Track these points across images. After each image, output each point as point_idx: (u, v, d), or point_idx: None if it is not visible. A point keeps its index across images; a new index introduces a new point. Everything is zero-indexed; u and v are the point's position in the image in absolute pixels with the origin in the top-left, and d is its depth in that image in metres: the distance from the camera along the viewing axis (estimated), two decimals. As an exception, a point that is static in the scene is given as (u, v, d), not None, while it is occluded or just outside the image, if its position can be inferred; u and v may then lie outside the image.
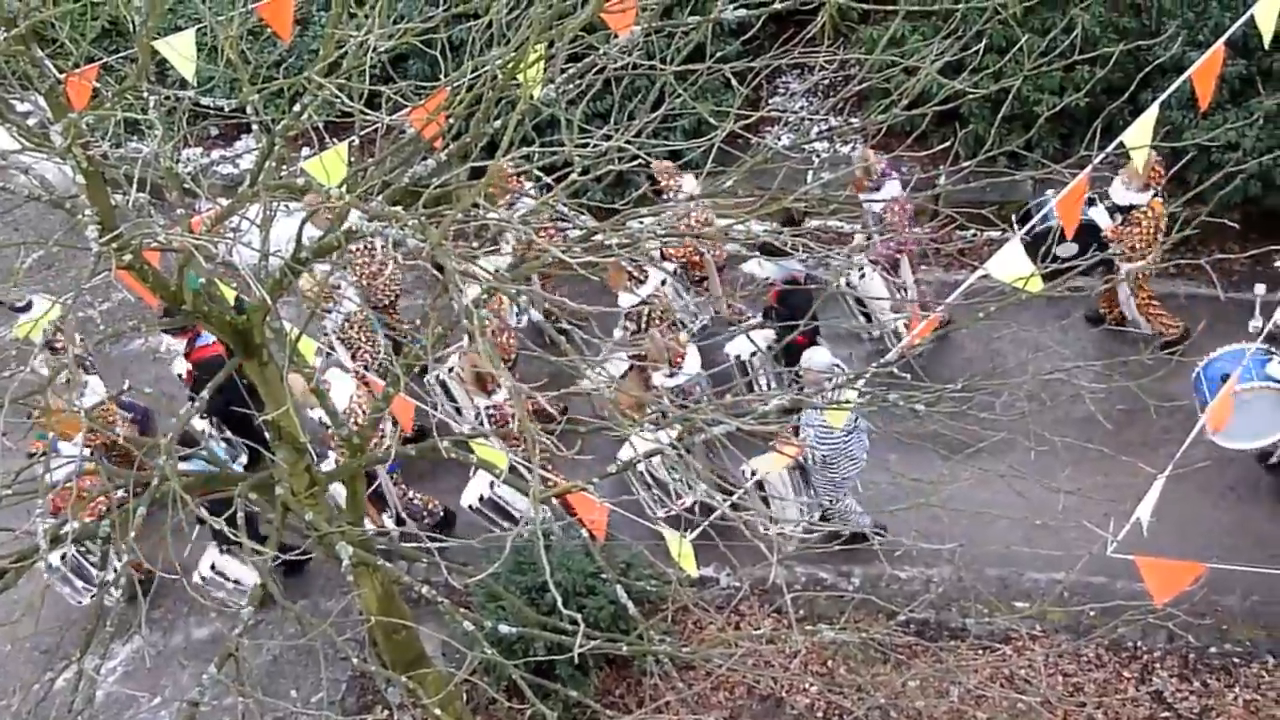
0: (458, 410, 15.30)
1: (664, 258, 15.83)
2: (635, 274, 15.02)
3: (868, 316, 16.22)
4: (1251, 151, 14.80)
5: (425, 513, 15.19)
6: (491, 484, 14.28)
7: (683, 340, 14.80)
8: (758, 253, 15.09)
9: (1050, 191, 15.30)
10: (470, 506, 14.38)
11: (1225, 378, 13.23)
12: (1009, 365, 15.70)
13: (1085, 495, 13.48)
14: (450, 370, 15.37)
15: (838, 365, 13.81)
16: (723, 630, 14.02)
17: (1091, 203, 15.13)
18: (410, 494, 15.06)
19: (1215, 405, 12.24)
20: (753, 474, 13.49)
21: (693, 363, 14.60)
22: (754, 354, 15.18)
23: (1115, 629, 13.15)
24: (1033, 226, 14.95)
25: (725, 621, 14.17)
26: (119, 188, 8.86)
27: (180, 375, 15.71)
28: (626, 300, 15.13)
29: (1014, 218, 15.34)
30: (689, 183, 15.51)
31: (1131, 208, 14.86)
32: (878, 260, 16.02)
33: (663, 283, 15.49)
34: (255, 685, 9.70)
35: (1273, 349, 13.46)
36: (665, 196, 15.24)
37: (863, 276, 15.71)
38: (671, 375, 14.54)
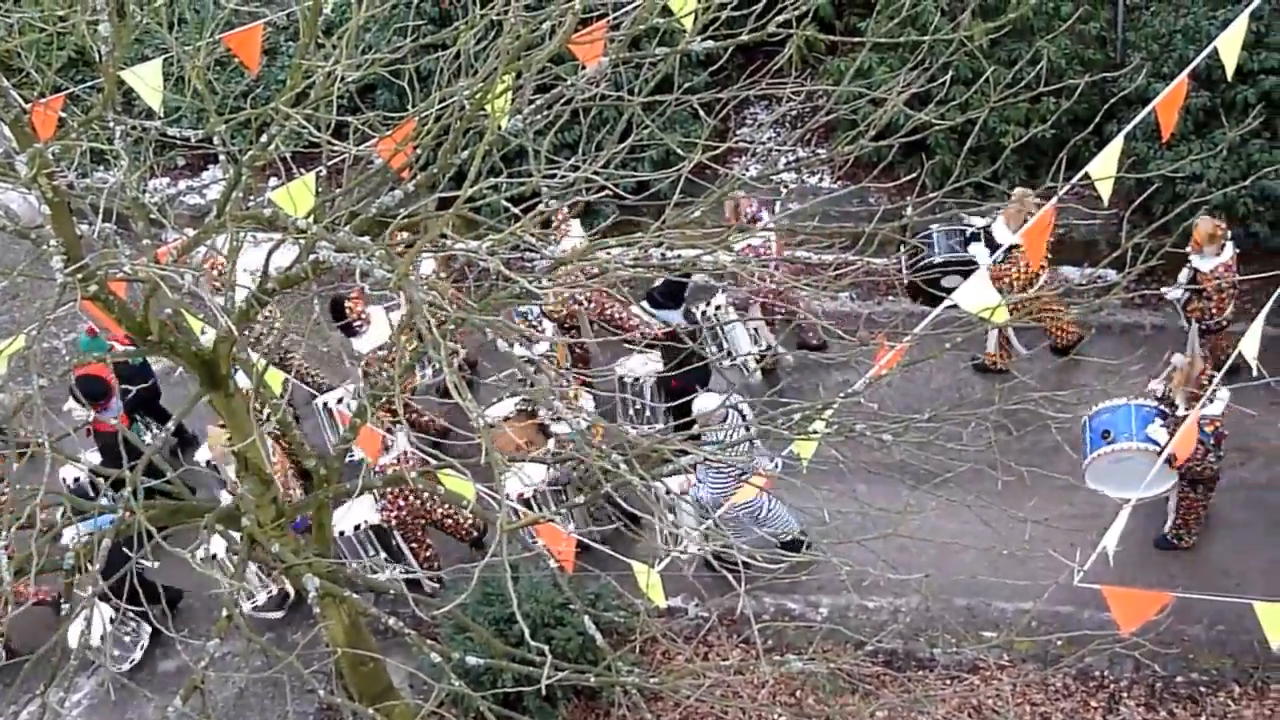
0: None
1: (544, 315, 15.91)
2: (527, 330, 14.98)
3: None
4: (1215, 183, 14.88)
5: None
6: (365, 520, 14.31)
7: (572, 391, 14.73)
8: (645, 301, 15.39)
9: (935, 226, 15.43)
10: (341, 533, 14.31)
11: (1106, 433, 13.39)
12: (976, 395, 15.76)
13: (1052, 525, 13.52)
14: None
15: (732, 407, 13.89)
16: (691, 661, 13.96)
17: (976, 238, 15.30)
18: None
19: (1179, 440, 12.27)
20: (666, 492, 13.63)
21: (588, 408, 14.54)
22: (639, 378, 15.36)
23: (1082, 658, 13.20)
24: (917, 262, 15.23)
25: (693, 652, 14.12)
26: (85, 218, 8.83)
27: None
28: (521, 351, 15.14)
29: (901, 251, 15.61)
30: (575, 228, 15.68)
31: (1012, 247, 15.01)
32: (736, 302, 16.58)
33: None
34: (221, 718, 9.67)
35: (1162, 407, 13.64)
36: (552, 237, 15.38)
37: (717, 308, 16.17)
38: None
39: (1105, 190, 12.94)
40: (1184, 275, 14.84)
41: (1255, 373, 12.34)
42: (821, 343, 16.73)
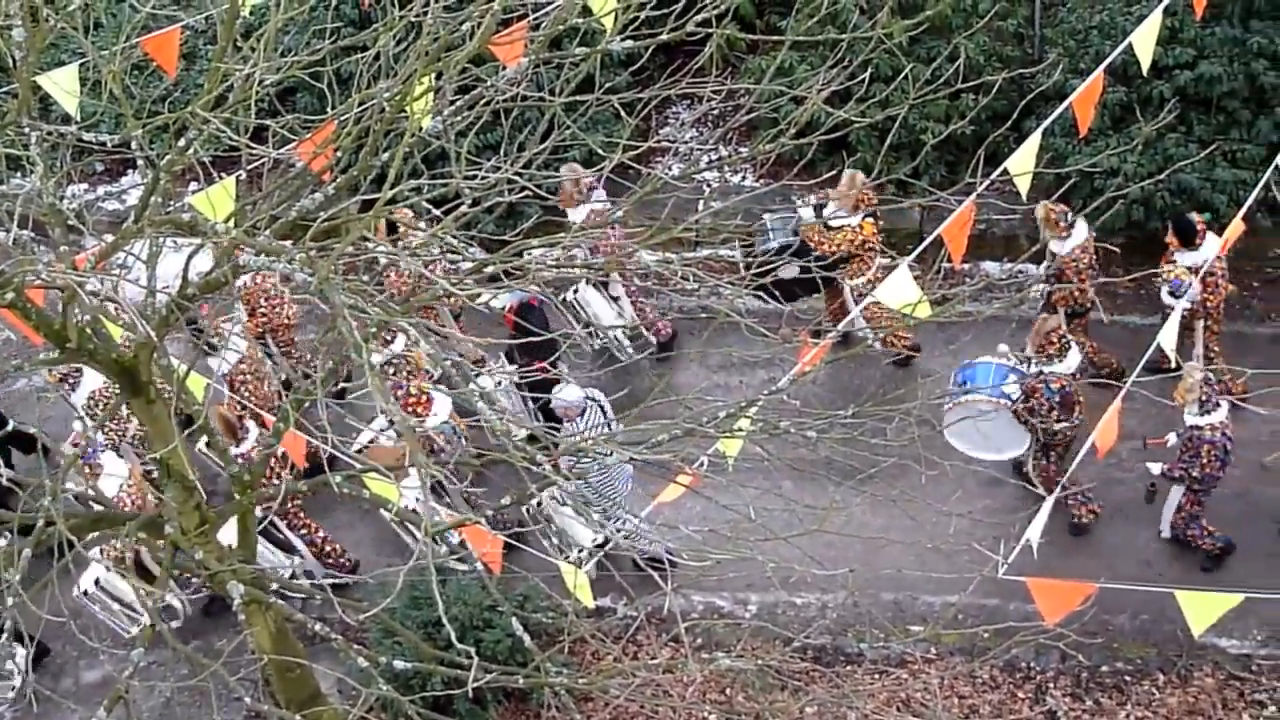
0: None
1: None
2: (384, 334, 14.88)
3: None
4: (1133, 177, 15.01)
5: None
6: (97, 579, 14.15)
7: (425, 387, 14.61)
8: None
9: (768, 215, 15.53)
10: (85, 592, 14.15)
11: (964, 384, 13.54)
12: (899, 391, 15.83)
13: (976, 518, 13.63)
14: (499, 384, 15.32)
15: (589, 398, 13.94)
16: (620, 660, 13.98)
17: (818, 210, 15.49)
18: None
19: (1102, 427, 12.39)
20: (538, 504, 13.68)
21: (442, 408, 14.54)
22: (499, 384, 15.22)
23: (1009, 650, 13.28)
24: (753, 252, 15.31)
25: (622, 651, 14.14)
26: (1, 225, 8.72)
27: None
28: (378, 357, 15.05)
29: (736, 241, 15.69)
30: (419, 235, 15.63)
31: (842, 227, 15.19)
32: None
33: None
34: (147, 727, 9.58)
35: (1018, 364, 13.85)
36: (400, 243, 15.41)
37: (576, 292, 16.07)
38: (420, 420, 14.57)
39: (1024, 185, 13.05)
40: (1045, 265, 15.09)
41: (1172, 364, 12.49)
42: (673, 335, 16.77)
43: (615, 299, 16.41)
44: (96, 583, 14.13)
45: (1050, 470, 14.05)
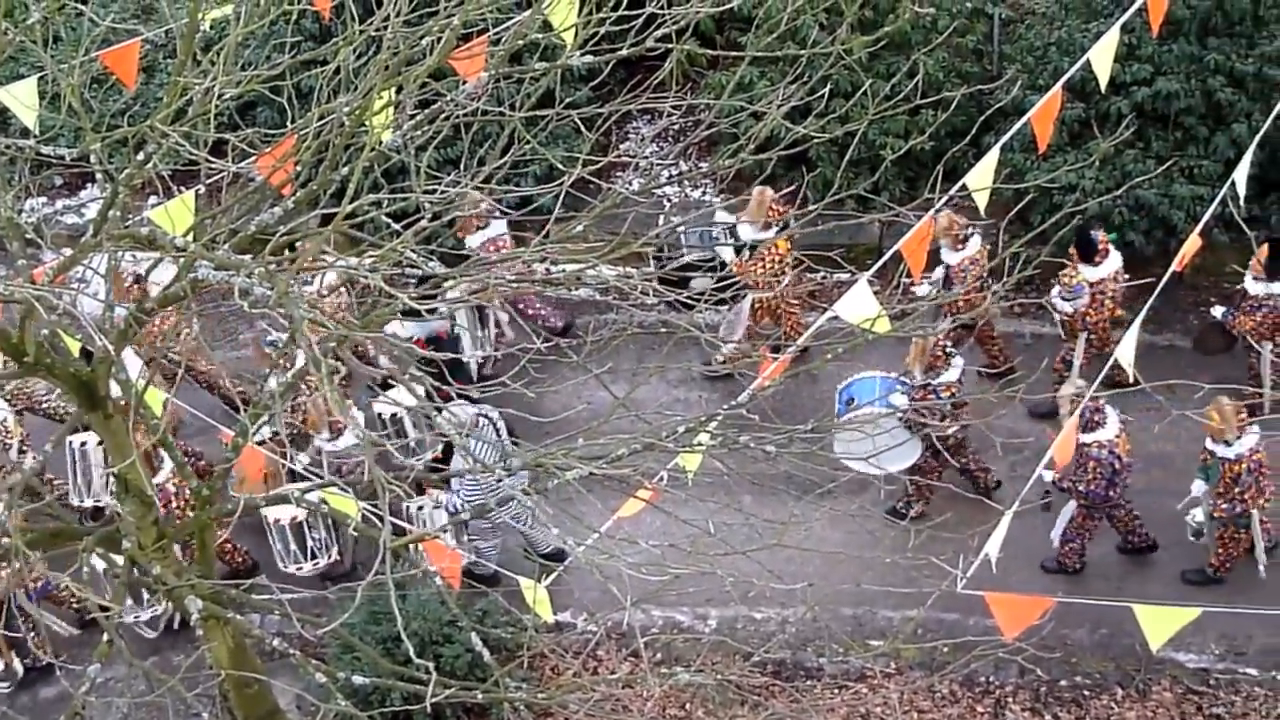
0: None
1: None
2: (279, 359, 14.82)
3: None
4: (1091, 192, 15.12)
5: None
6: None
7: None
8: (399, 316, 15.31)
9: (682, 227, 15.62)
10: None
11: (851, 401, 13.66)
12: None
13: (935, 532, 13.66)
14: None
15: (481, 414, 13.94)
16: (579, 675, 13.97)
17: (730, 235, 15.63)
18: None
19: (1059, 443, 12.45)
20: (419, 509, 13.91)
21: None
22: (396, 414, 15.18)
23: (968, 664, 13.31)
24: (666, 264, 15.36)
25: (582, 666, 14.12)
26: (-42, 239, 8.70)
27: None
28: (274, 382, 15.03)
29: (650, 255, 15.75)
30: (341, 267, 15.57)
31: (755, 245, 15.33)
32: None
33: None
34: (104, 744, 9.55)
35: (903, 378, 14.09)
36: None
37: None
38: (332, 440, 14.55)
39: (982, 201, 13.12)
40: (938, 272, 15.39)
41: (1132, 379, 12.56)
42: (567, 324, 16.84)
43: (494, 322, 16.41)
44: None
45: (935, 471, 14.34)
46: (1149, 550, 14.22)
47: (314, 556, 14.47)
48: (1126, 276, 15.13)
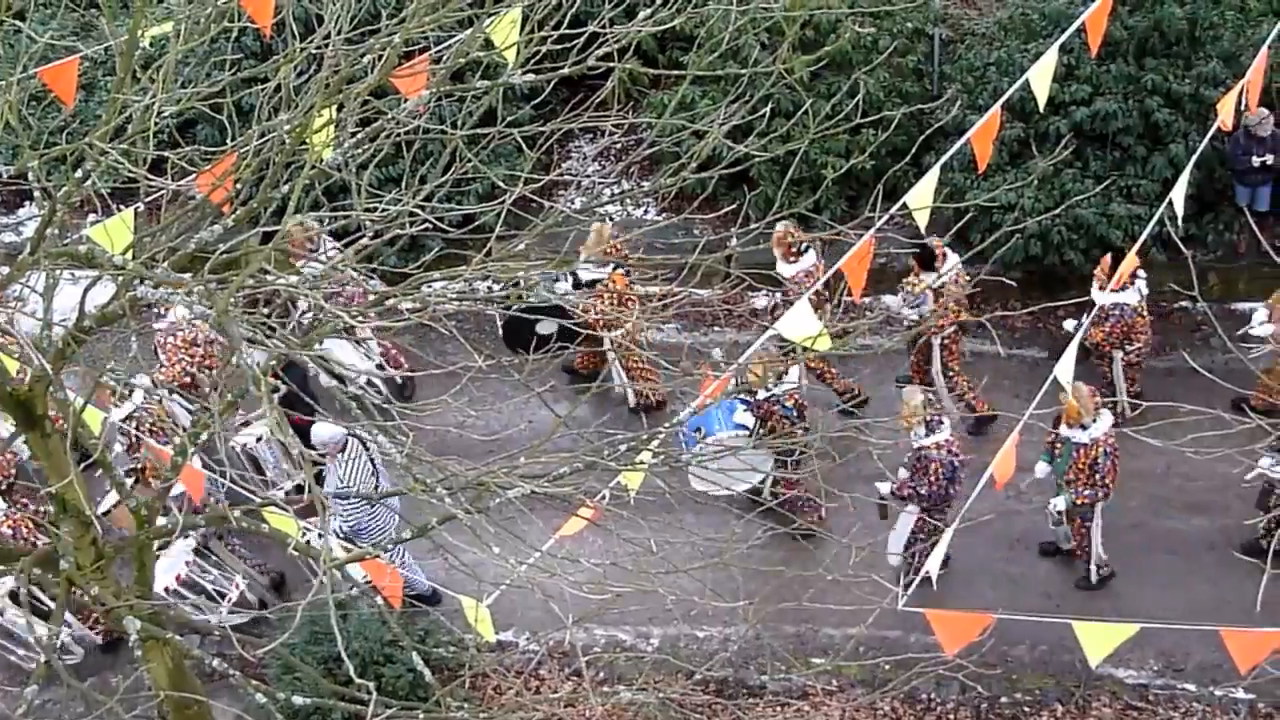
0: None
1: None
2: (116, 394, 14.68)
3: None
4: (1030, 211, 15.21)
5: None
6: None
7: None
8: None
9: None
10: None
11: (699, 430, 13.78)
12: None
13: (876, 551, 13.73)
14: (260, 439, 15.11)
15: (353, 437, 14.00)
16: (521, 695, 13.95)
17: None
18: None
19: (999, 460, 12.52)
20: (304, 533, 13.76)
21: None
22: (259, 439, 15.15)
23: (909, 681, 13.33)
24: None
25: (524, 685, 14.11)
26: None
27: None
28: (119, 412, 14.92)
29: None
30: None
31: (594, 281, 15.52)
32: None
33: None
34: (41, 766, 9.46)
35: (744, 397, 14.27)
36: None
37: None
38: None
39: (923, 219, 13.19)
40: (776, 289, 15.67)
41: (1069, 395, 12.64)
42: (404, 383, 16.89)
43: (362, 341, 16.36)
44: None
45: (792, 484, 14.52)
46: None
47: (221, 596, 14.33)
48: (968, 278, 15.37)
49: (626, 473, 10.98)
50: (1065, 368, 12.72)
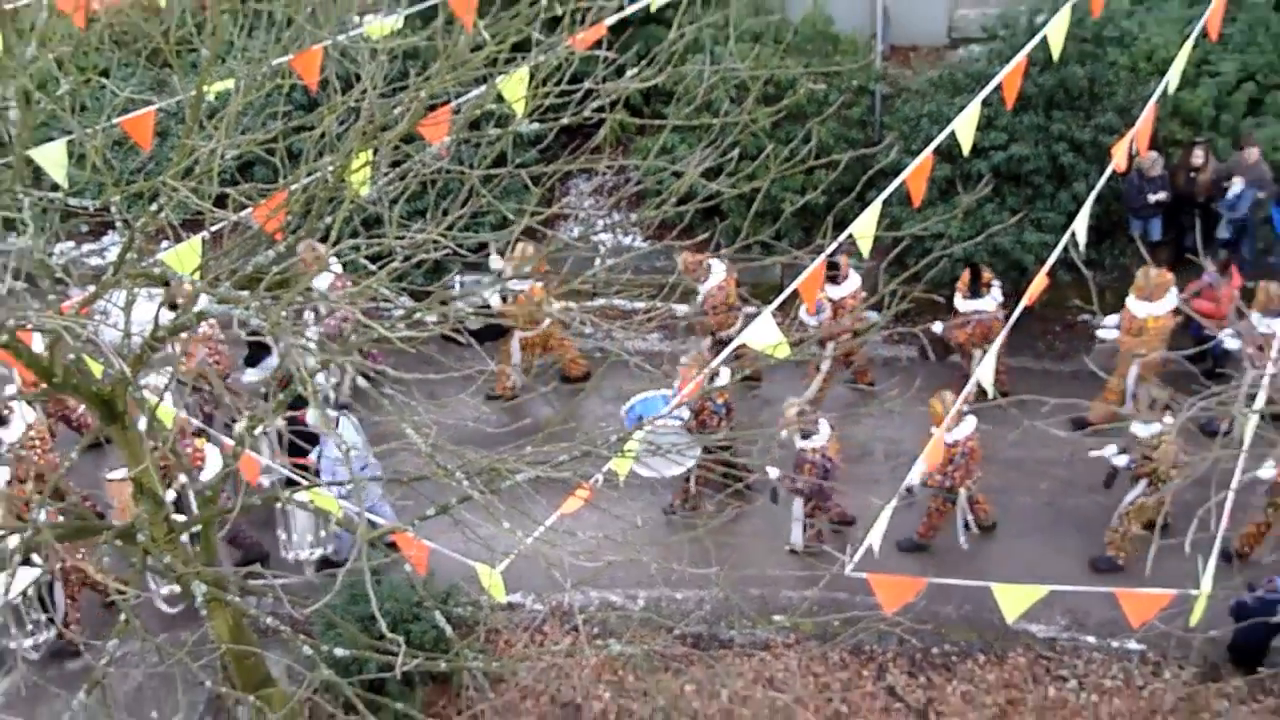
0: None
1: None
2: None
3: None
4: (956, 239, 15.20)
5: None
6: None
7: (199, 444, 14.16)
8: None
9: (457, 279, 15.60)
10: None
11: (640, 418, 13.80)
12: (764, 418, 15.97)
13: (828, 526, 13.70)
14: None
15: (342, 415, 14.09)
16: (528, 647, 13.96)
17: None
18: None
19: (929, 451, 12.50)
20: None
21: (214, 463, 14.02)
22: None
23: (855, 635, 13.37)
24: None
25: (530, 640, 14.10)
26: (-3, 277, 8.60)
27: None
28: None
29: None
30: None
31: (519, 291, 15.58)
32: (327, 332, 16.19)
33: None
34: (121, 709, 9.42)
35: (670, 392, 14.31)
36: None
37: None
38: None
39: (866, 246, 13.18)
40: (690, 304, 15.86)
41: (991, 394, 12.63)
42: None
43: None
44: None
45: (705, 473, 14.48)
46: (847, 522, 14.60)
47: (33, 633, 13.93)
48: (864, 295, 15.56)
49: (617, 460, 10.96)
50: (986, 371, 12.72)
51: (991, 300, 15.11)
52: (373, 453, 13.68)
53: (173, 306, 10.55)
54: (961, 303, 15.05)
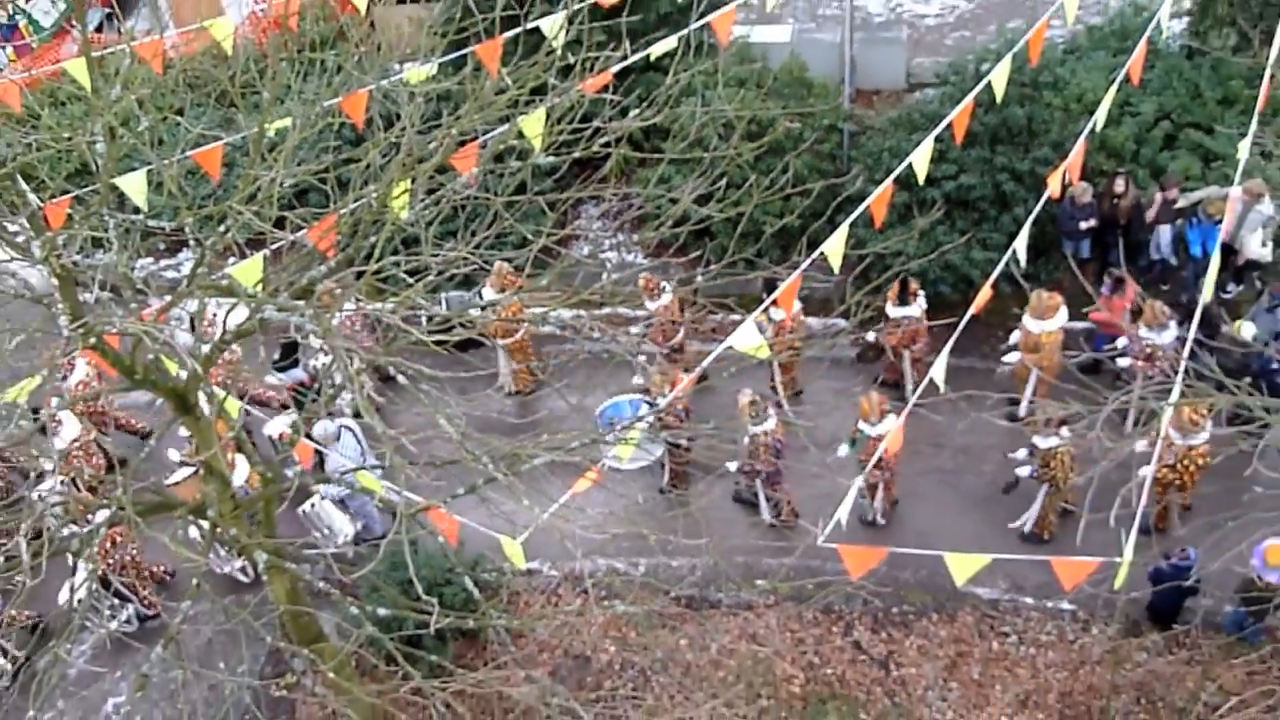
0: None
1: None
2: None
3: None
4: (913, 256, 15.18)
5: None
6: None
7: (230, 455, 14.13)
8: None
9: (444, 294, 15.64)
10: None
11: (613, 421, 13.80)
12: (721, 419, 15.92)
13: (802, 504, 13.66)
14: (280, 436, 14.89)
15: (344, 426, 14.05)
16: (544, 607, 13.95)
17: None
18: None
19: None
20: (311, 505, 13.99)
21: (242, 470, 13.91)
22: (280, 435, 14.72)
23: (826, 597, 13.37)
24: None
25: (546, 601, 14.09)
26: (86, 288, 8.59)
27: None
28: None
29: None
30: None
31: (495, 303, 15.35)
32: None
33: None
34: (193, 661, 9.39)
35: (646, 399, 14.34)
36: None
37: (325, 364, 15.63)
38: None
39: (835, 262, 13.16)
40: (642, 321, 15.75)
41: (943, 390, 12.61)
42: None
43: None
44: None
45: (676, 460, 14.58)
46: (794, 517, 14.47)
47: (114, 615, 14.06)
48: (801, 317, 15.47)
49: (620, 446, 10.95)
50: (939, 370, 12.69)
51: (917, 307, 15.10)
52: (374, 453, 13.73)
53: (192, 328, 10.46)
54: (892, 309, 15.04)
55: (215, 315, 9.05)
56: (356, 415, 14.56)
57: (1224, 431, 9.94)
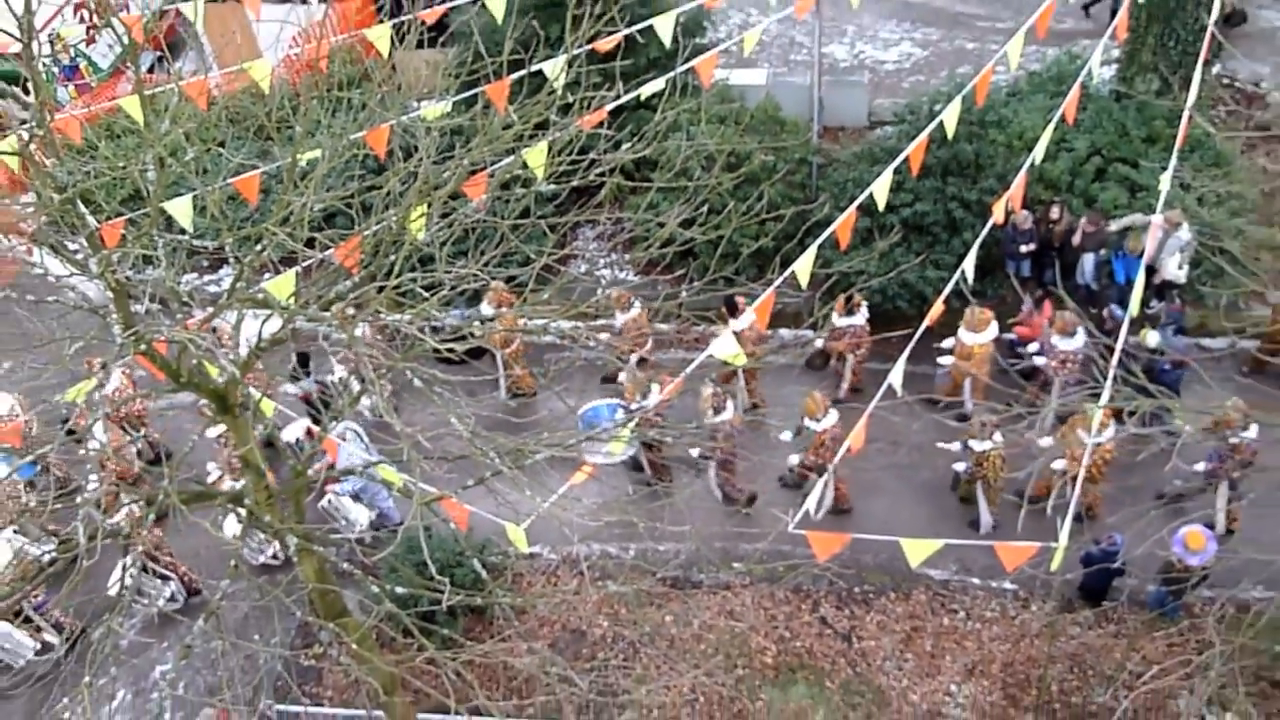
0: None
1: None
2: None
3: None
4: (874, 275, 15.18)
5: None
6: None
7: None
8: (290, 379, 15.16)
9: (451, 310, 15.46)
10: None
11: (592, 423, 13.80)
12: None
13: (774, 493, 13.63)
14: (297, 441, 14.73)
15: (349, 428, 14.01)
16: (544, 587, 13.91)
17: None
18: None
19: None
20: (328, 500, 13.93)
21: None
22: (297, 440, 14.52)
23: (796, 578, 13.35)
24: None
25: (546, 581, 14.05)
26: (138, 300, 8.55)
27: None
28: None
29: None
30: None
31: (493, 317, 15.40)
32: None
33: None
34: (230, 633, 9.33)
35: (623, 403, 14.23)
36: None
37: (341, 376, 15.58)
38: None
39: (804, 280, 13.16)
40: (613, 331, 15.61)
41: (899, 394, 12.60)
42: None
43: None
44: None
45: (660, 464, 14.50)
46: (750, 502, 14.39)
47: (157, 596, 13.89)
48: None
49: (613, 442, 10.92)
50: (896, 375, 12.69)
51: (860, 317, 15.14)
52: (377, 449, 13.71)
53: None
54: (837, 319, 15.08)
55: (232, 330, 9.01)
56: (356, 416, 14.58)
57: (1126, 431, 9.97)
